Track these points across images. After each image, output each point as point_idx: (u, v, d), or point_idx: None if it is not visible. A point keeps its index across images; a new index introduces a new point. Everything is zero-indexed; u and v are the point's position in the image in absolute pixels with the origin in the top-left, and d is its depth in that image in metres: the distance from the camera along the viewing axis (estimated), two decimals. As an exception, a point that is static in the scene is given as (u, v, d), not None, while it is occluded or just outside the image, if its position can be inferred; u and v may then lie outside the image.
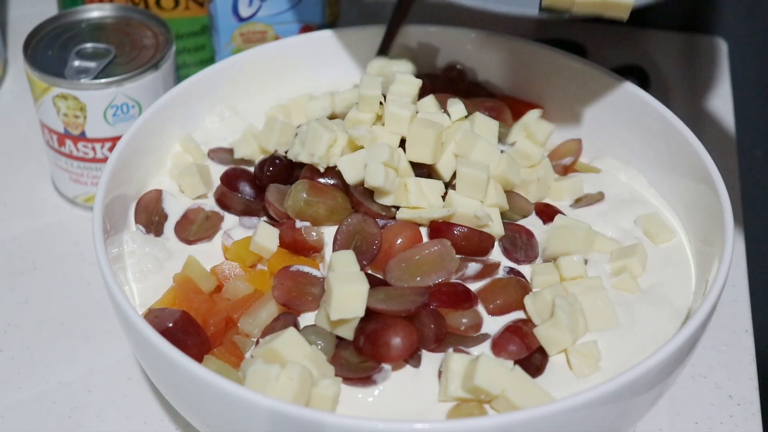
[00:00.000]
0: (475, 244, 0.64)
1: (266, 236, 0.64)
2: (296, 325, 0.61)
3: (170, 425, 0.68)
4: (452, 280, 0.63)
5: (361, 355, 0.59)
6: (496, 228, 0.65)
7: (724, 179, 0.66)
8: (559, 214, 0.68)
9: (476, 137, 0.66)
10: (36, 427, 0.68)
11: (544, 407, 0.52)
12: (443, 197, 0.66)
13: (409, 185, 0.65)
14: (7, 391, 0.70)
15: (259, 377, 0.55)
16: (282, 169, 0.69)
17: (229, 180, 0.70)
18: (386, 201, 0.65)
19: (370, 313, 0.59)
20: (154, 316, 0.61)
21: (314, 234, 0.65)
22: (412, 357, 0.59)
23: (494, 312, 0.62)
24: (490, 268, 0.64)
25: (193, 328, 0.61)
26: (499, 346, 0.60)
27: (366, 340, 0.58)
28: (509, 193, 0.67)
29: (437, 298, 0.61)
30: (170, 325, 0.59)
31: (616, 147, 0.74)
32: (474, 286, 0.63)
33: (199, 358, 0.59)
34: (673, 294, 0.64)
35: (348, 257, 0.60)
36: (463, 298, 0.61)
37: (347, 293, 0.58)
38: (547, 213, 0.68)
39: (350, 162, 0.65)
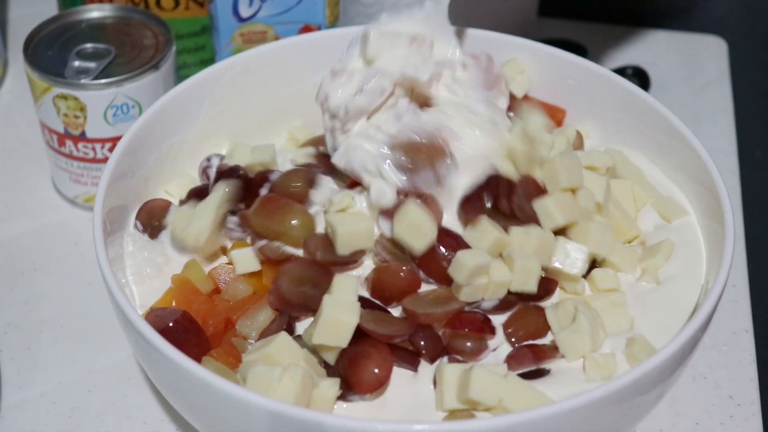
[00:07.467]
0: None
1: (245, 263, 0.64)
2: (292, 329, 0.61)
3: (170, 426, 0.68)
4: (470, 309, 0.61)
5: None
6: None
7: (724, 179, 0.66)
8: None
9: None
10: (36, 427, 0.68)
11: (544, 408, 0.52)
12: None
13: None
14: (7, 391, 0.70)
15: (262, 379, 0.55)
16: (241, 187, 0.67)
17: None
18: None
19: (358, 332, 0.58)
20: (155, 315, 0.60)
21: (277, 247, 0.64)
22: (382, 386, 0.58)
23: (517, 341, 0.61)
24: (506, 304, 0.62)
25: (194, 328, 0.61)
26: (515, 360, 0.59)
27: (344, 366, 0.57)
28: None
29: (455, 325, 0.60)
30: (171, 324, 0.59)
31: (615, 147, 0.74)
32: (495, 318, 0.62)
33: (198, 359, 0.59)
34: (684, 289, 0.64)
35: (349, 283, 0.59)
36: (482, 328, 0.60)
37: (335, 321, 0.57)
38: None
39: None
